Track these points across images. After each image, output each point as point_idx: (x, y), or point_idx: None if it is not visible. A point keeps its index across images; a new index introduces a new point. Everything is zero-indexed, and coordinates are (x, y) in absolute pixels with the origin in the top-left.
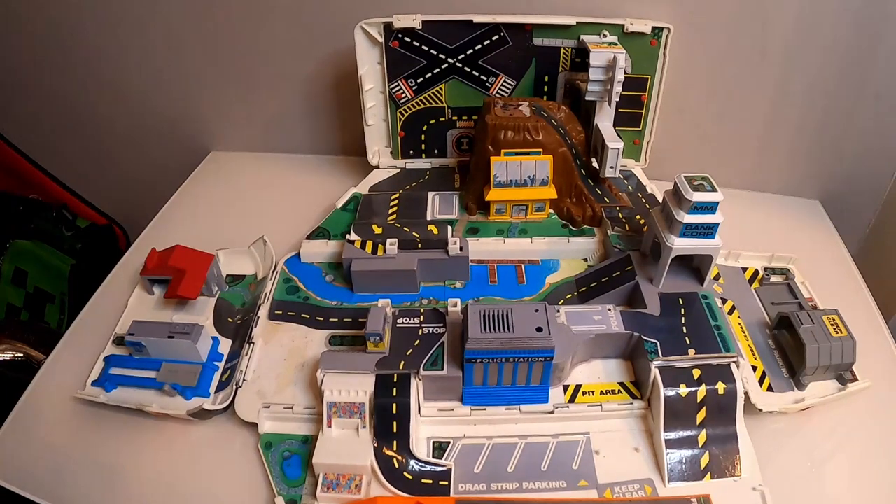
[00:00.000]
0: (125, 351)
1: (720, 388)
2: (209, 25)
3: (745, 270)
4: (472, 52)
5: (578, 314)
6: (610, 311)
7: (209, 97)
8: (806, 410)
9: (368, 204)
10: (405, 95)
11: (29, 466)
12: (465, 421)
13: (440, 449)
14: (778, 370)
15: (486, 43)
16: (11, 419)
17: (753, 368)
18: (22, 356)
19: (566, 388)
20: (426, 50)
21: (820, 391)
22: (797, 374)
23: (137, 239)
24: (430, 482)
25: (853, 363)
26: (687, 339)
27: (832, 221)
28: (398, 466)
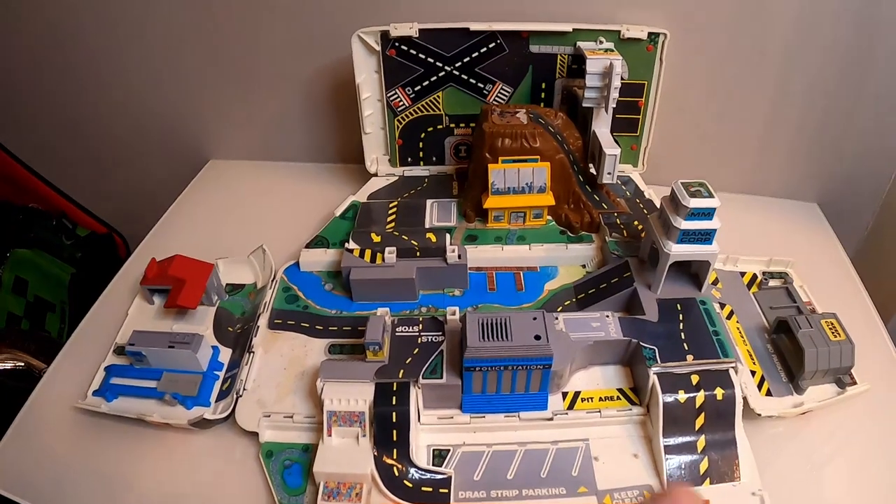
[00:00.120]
0: (126, 360)
1: (719, 393)
2: (208, 35)
3: (743, 275)
4: (468, 59)
5: (577, 321)
6: (608, 317)
7: (208, 106)
8: (805, 414)
9: (367, 212)
10: (403, 103)
11: (30, 476)
12: (464, 429)
13: (440, 457)
14: (777, 374)
15: (482, 50)
16: (13, 429)
17: (752, 373)
18: (23, 365)
19: (565, 394)
20: (423, 58)
21: (819, 395)
22: (796, 378)
23: (137, 248)
24: (430, 490)
25: (852, 367)
26: (685, 344)
27: (830, 225)
28: (398, 474)
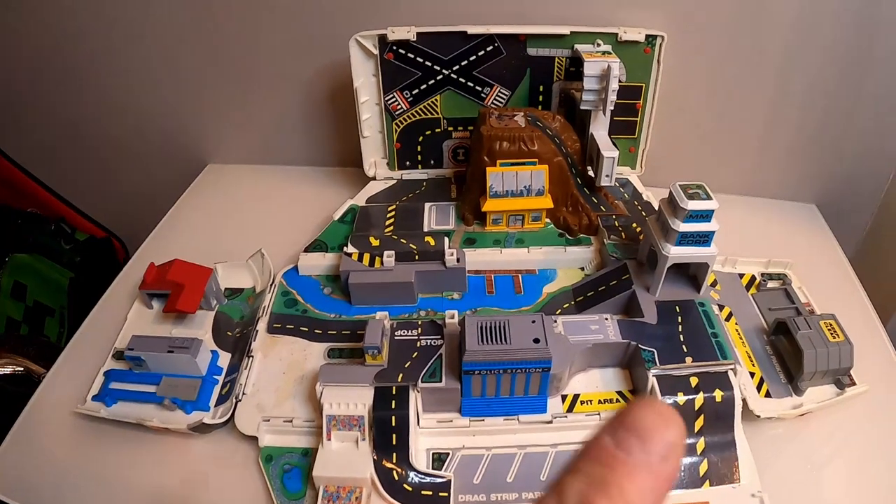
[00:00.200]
0: (125, 365)
1: (718, 395)
2: (206, 39)
3: (742, 276)
4: (466, 63)
5: (575, 324)
6: (607, 320)
7: (206, 110)
8: (804, 416)
9: (365, 216)
10: (401, 107)
11: (30, 481)
12: (463, 432)
13: (439, 460)
14: (776, 376)
15: (480, 54)
16: (12, 434)
17: (751, 375)
18: (22, 370)
19: (564, 397)
20: (421, 61)
21: (818, 396)
22: (795, 379)
23: (136, 252)
24: (429, 493)
25: (851, 368)
26: (684, 346)
27: (829, 226)
28: (398, 478)
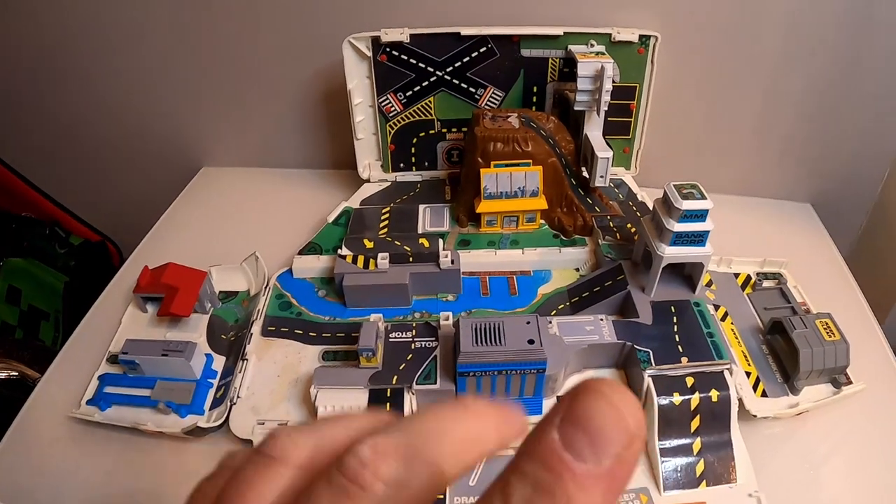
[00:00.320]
0: (119, 369)
1: (714, 395)
2: (199, 43)
3: (737, 276)
4: (460, 64)
5: (570, 325)
6: (602, 320)
7: (200, 114)
8: (801, 415)
9: (359, 218)
10: (394, 109)
11: (24, 485)
12: None
13: None
14: (772, 375)
15: (473, 55)
16: (7, 438)
17: (747, 374)
18: (17, 375)
19: (560, 398)
20: (414, 63)
21: (814, 395)
22: (791, 378)
23: (130, 256)
24: None
25: (847, 366)
26: (680, 347)
27: (824, 225)
28: None
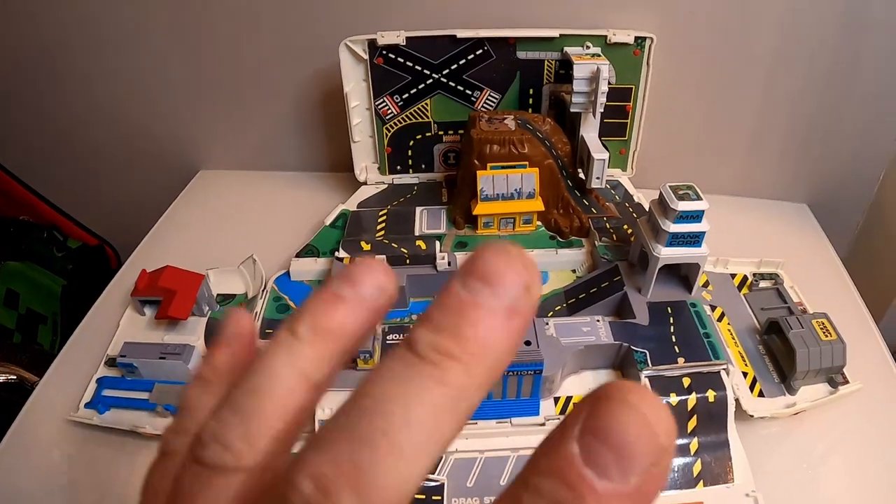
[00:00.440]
0: (117, 372)
1: (710, 395)
2: (196, 46)
3: (733, 276)
4: (456, 66)
5: (567, 326)
6: (599, 321)
7: (197, 117)
8: (797, 415)
9: (357, 220)
10: (391, 111)
11: (23, 488)
12: None
13: None
14: (769, 375)
15: (470, 57)
16: (5, 442)
17: (744, 374)
18: (15, 378)
19: (557, 399)
20: (411, 66)
21: (811, 395)
22: (788, 378)
23: (128, 259)
24: (422, 497)
25: (843, 366)
26: (676, 347)
27: (820, 225)
28: None
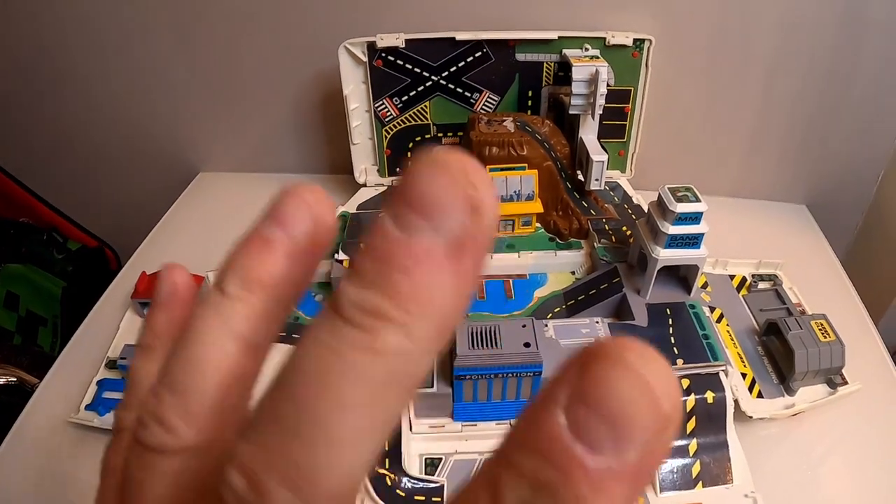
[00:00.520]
0: (118, 374)
1: (709, 396)
2: (196, 48)
3: (732, 278)
4: (455, 69)
5: (566, 328)
6: (598, 323)
7: (197, 119)
8: (796, 416)
9: (356, 223)
10: (390, 113)
11: (23, 491)
12: (456, 437)
13: (432, 465)
14: (767, 376)
15: (469, 60)
16: (6, 444)
17: (743, 375)
18: (15, 380)
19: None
20: (410, 68)
21: (810, 396)
22: (787, 379)
23: (128, 261)
24: (422, 499)
25: (842, 367)
26: (675, 349)
27: (819, 226)
28: (391, 484)
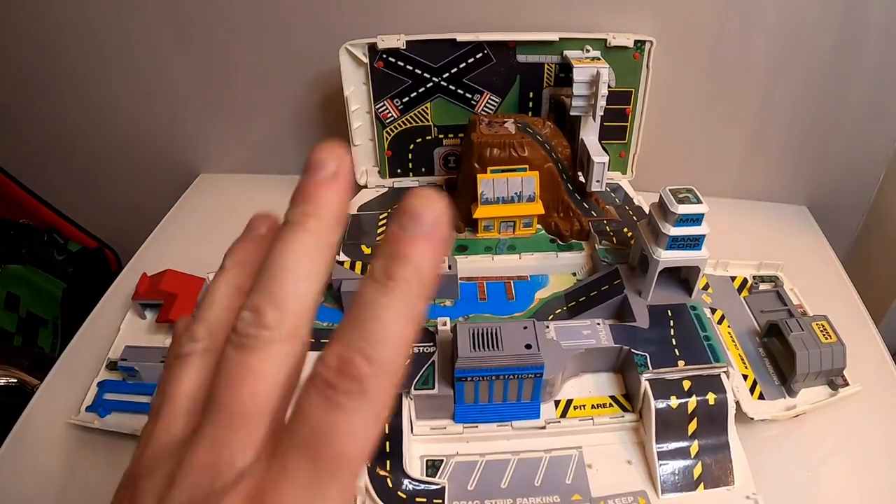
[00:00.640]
0: (118, 376)
1: (711, 398)
2: (196, 49)
3: (733, 279)
4: (456, 70)
5: (568, 329)
6: (599, 325)
7: (198, 120)
8: (798, 417)
9: (357, 224)
10: (391, 115)
11: (24, 492)
12: (457, 438)
13: (433, 467)
14: (769, 378)
15: (470, 61)
16: (6, 445)
17: (744, 377)
18: (16, 381)
19: (557, 402)
20: (411, 69)
21: (811, 397)
22: (788, 381)
23: (129, 263)
24: (424, 500)
25: (843, 368)
26: (676, 350)
27: (820, 227)
28: (392, 486)
